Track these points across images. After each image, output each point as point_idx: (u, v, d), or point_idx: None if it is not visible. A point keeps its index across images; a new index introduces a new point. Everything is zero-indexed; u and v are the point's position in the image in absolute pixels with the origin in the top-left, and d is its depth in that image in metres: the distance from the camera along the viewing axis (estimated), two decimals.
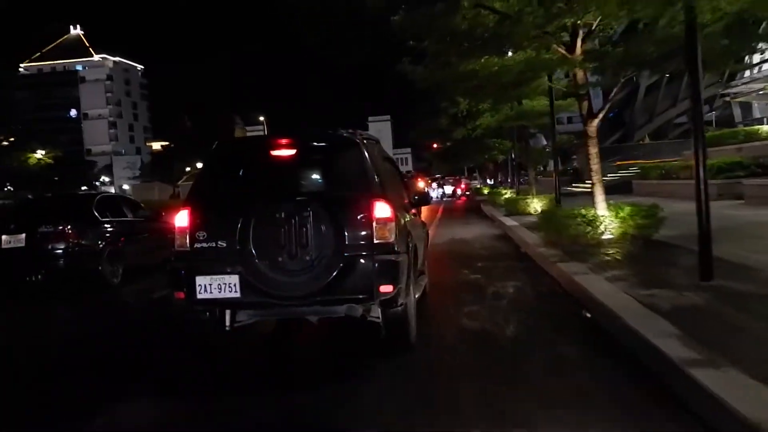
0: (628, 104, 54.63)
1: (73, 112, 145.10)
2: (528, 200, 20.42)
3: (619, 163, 41.41)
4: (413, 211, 7.39)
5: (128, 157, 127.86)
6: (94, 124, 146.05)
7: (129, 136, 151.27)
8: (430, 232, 9.52)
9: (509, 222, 18.09)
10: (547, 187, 32.44)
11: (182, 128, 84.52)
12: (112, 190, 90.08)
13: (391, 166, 7.01)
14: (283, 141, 5.64)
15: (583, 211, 11.03)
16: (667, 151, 41.05)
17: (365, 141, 5.73)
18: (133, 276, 11.68)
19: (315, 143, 5.81)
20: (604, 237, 10.63)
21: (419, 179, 49.38)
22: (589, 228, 10.58)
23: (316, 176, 5.75)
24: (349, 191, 5.29)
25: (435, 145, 49.30)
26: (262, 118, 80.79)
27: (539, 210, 19.93)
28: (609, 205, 11.08)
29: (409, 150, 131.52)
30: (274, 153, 5.64)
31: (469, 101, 26.94)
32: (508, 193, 29.54)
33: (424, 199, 8.03)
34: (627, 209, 10.74)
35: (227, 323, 5.31)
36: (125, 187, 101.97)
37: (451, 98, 28.25)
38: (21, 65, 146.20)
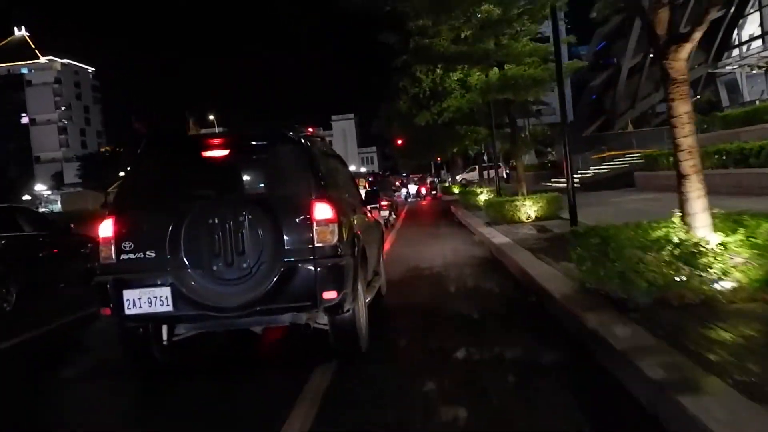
0: (609, 88, 49.66)
1: (25, 119, 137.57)
2: (518, 203, 14.88)
3: (610, 153, 36.45)
4: (366, 209, 7.29)
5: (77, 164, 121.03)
6: (42, 129, 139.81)
7: (81, 141, 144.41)
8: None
9: (496, 236, 12.51)
10: (527, 183, 29.58)
11: (133, 131, 78.59)
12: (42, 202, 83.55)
13: (338, 163, 6.80)
14: (217, 140, 5.39)
15: (669, 231, 5.39)
16: (654, 139, 36.72)
17: (306, 138, 5.47)
18: (31, 300, 10.29)
19: (251, 141, 5.41)
20: (721, 286, 5.01)
21: (397, 181, 44.73)
22: (689, 269, 4.94)
23: (252, 177, 5.40)
24: (287, 192, 5.02)
25: (399, 142, 43.50)
26: (212, 117, 74.48)
27: (533, 215, 14.41)
28: (717, 217, 5.50)
29: (374, 149, 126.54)
30: (208, 153, 5.27)
31: (433, 75, 21.50)
32: (484, 193, 24.08)
33: (372, 195, 8.74)
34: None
35: (164, 338, 5.15)
36: (51, 196, 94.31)
37: (411, 75, 22.79)
38: None
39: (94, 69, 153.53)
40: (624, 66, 46.43)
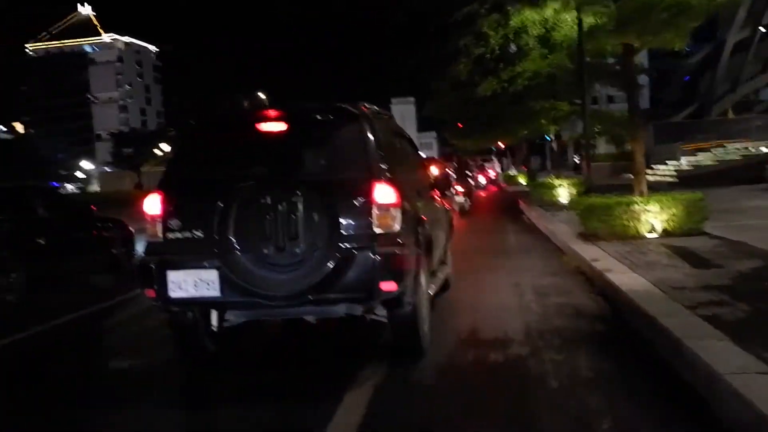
0: (707, 68, 42.70)
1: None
2: (636, 207, 9.33)
3: (720, 142, 30.24)
4: (435, 194, 6.82)
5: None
6: (104, 108, 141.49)
7: (141, 120, 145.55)
8: None
9: (613, 268, 7.10)
10: (599, 174, 24.92)
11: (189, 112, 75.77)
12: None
13: (406, 144, 6.34)
14: (270, 114, 4.98)
15: None
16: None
17: (369, 114, 4.99)
18: (44, 291, 9.15)
19: (307, 117, 5.01)
20: None
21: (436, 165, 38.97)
22: None
23: (309, 155, 4.86)
24: (346, 172, 4.63)
25: (459, 126, 37.71)
26: (263, 96, 70.17)
27: (659, 228, 9.03)
28: None
29: (433, 133, 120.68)
30: (260, 129, 4.93)
31: (505, 30, 15.96)
32: (564, 186, 18.47)
33: (443, 183, 7.57)
34: None
35: (214, 324, 4.95)
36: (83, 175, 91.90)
37: (475, 32, 17.33)
38: (27, 46, 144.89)
39: (156, 49, 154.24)
40: (728, 41, 39.53)
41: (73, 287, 9.72)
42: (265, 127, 4.89)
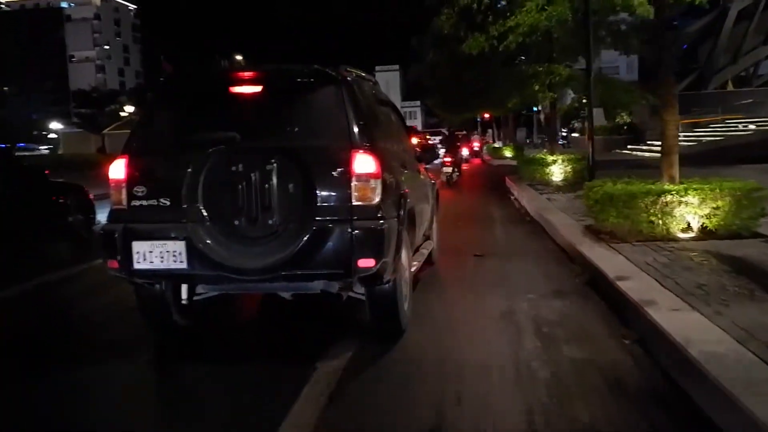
0: (707, 37, 40.27)
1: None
2: (668, 198, 6.92)
3: (728, 117, 28.05)
4: (421, 166, 6.70)
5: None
6: (80, 67, 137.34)
7: (119, 81, 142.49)
8: None
9: (668, 309, 4.63)
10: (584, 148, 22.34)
11: (162, 73, 71.81)
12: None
13: (390, 111, 6.03)
14: (245, 76, 4.65)
15: None
16: None
17: (350, 79, 4.70)
18: None
19: (284, 79, 4.71)
20: None
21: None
22: None
23: (284, 120, 4.52)
24: (324, 140, 4.39)
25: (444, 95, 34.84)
26: (239, 58, 66.81)
27: (695, 225, 6.73)
28: None
29: (418, 103, 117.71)
30: (233, 91, 4.63)
31: None
32: (559, 163, 16.10)
33: (429, 154, 7.39)
34: None
35: (184, 296, 4.73)
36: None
37: None
38: (0, 1, 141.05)
39: (135, 7, 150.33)
40: (732, 8, 37.11)
41: (23, 257, 9.09)
42: (239, 89, 4.61)
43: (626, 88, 16.50)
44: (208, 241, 4.10)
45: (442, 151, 18.90)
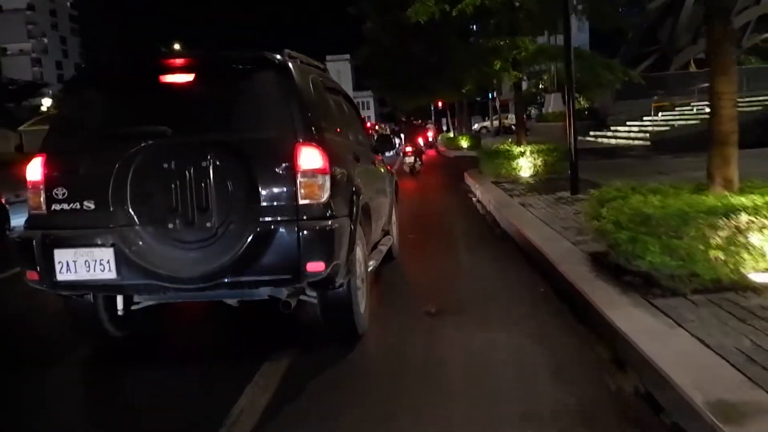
0: (667, 17, 38.17)
1: None
2: (751, 216, 4.17)
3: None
4: (377, 158, 6.31)
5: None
6: (14, 60, 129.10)
7: (57, 74, 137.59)
8: None
9: None
10: (551, 135, 22.82)
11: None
12: None
13: (342, 100, 5.60)
14: (176, 63, 4.26)
15: None
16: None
17: (295, 64, 4.29)
18: None
19: (220, 66, 4.27)
20: None
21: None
22: None
23: (221, 112, 4.09)
24: (266, 132, 3.96)
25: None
26: (177, 47, 62.69)
27: None
28: None
29: (370, 93, 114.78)
30: (163, 80, 4.19)
31: None
32: (528, 155, 13.42)
33: (386, 144, 6.81)
34: None
35: (120, 307, 4.41)
36: None
37: None
38: None
39: None
40: None
41: None
42: (170, 77, 4.15)
43: (607, 64, 13.78)
44: (138, 248, 3.79)
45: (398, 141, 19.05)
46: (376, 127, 32.59)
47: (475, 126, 51.08)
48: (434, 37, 14.25)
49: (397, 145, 20.98)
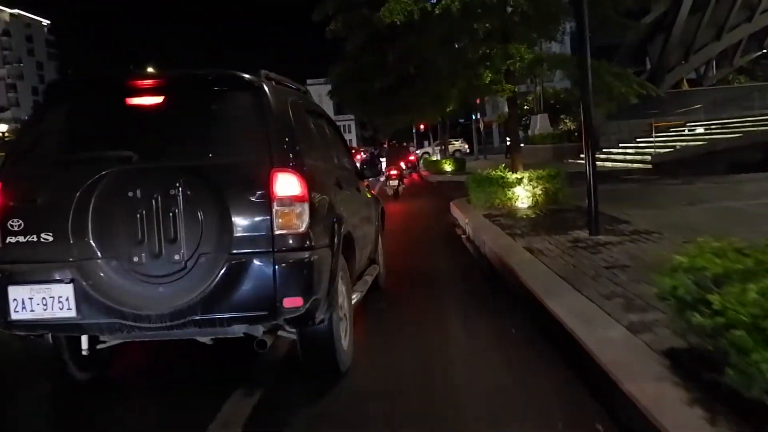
0: (657, 33, 36.69)
1: None
2: None
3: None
4: (361, 184, 6.07)
5: None
6: None
7: (33, 100, 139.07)
8: None
9: None
10: (539, 159, 23.30)
11: None
12: None
13: (324, 123, 5.33)
14: (144, 83, 4.01)
15: None
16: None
17: (271, 85, 4.06)
18: None
19: (192, 86, 4.04)
20: None
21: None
22: None
23: (192, 135, 3.89)
24: (239, 157, 3.74)
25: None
26: (151, 70, 61.11)
27: None
28: None
29: (352, 116, 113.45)
30: (131, 101, 3.96)
31: None
32: (525, 181, 11.36)
33: (373, 169, 6.88)
34: None
35: (84, 346, 4.08)
36: None
37: None
38: None
39: (48, 22, 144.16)
40: (685, 2, 33.54)
41: None
42: (136, 99, 3.90)
43: (618, 73, 11.70)
44: (100, 283, 3.54)
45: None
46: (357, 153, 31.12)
47: (418, 152, 49.57)
48: (412, 42, 12.18)
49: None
